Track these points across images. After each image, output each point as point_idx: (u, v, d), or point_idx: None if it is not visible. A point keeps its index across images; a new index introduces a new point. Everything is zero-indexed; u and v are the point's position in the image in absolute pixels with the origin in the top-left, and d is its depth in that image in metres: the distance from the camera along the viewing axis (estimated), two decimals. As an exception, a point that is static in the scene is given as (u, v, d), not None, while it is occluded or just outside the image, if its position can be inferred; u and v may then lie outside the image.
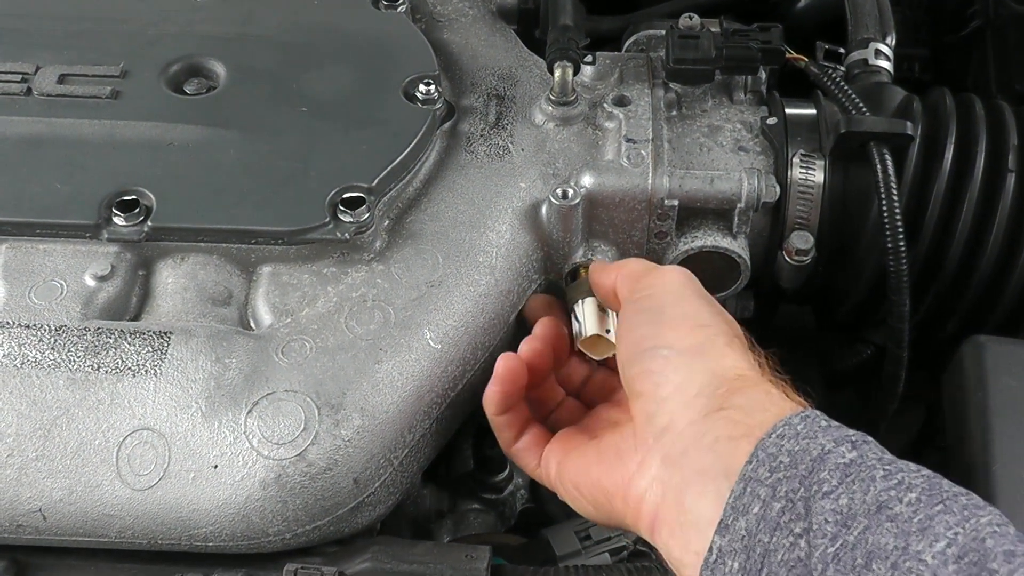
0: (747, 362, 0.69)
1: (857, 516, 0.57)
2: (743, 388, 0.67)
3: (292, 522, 0.76)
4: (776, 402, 0.66)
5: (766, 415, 0.64)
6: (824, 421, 0.63)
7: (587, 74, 0.98)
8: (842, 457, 0.60)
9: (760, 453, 0.61)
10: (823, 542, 0.56)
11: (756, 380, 0.68)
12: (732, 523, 0.60)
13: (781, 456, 0.61)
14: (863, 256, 0.93)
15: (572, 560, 0.94)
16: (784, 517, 0.58)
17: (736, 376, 0.68)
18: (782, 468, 0.60)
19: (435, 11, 1.06)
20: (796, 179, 0.91)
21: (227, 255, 0.85)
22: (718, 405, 0.66)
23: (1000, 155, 0.92)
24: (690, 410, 0.67)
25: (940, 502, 0.57)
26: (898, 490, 0.57)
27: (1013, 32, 1.13)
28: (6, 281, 0.83)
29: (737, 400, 0.66)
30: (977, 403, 0.83)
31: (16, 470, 0.75)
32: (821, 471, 0.59)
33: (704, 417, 0.66)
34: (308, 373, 0.78)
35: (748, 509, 0.59)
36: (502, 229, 0.88)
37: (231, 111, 0.92)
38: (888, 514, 0.56)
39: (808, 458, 0.60)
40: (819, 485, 0.59)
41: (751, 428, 0.63)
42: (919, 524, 0.55)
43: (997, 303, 0.94)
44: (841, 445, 0.61)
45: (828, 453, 0.60)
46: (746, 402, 0.65)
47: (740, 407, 0.65)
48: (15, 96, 0.92)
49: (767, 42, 0.95)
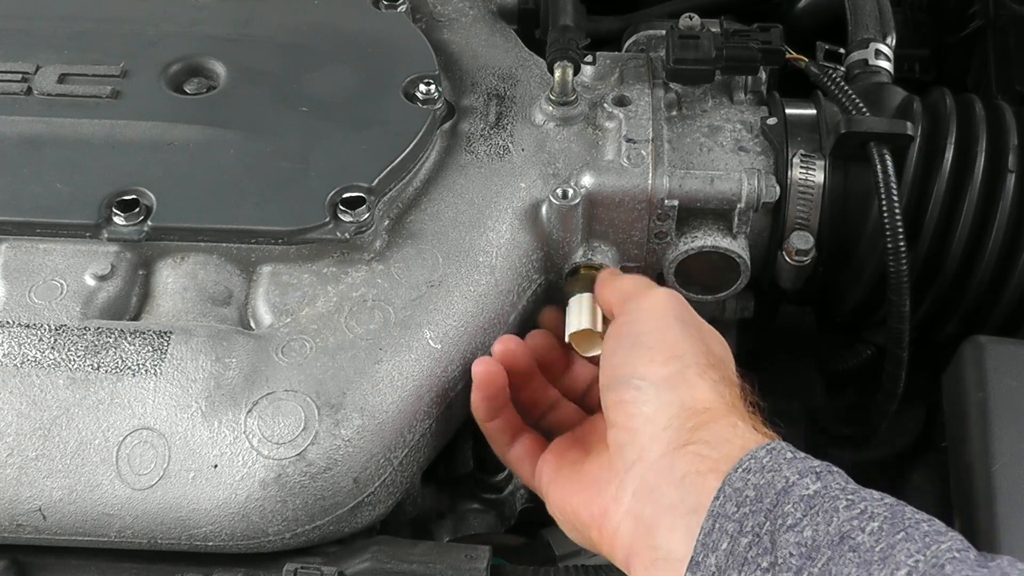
0: (716, 393, 0.70)
1: (821, 547, 0.57)
2: (710, 422, 0.67)
3: (292, 522, 0.76)
4: (741, 435, 0.66)
5: (731, 448, 0.65)
6: (789, 452, 0.64)
7: (587, 74, 0.98)
8: (806, 489, 0.61)
9: (727, 488, 0.62)
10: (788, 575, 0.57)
11: (723, 412, 0.68)
12: (703, 560, 0.60)
13: (747, 490, 0.61)
14: (863, 256, 0.93)
15: (572, 560, 0.94)
16: (751, 552, 0.59)
17: (704, 409, 0.68)
18: (748, 502, 0.61)
19: (435, 11, 1.06)
20: (796, 179, 0.91)
21: (227, 255, 0.85)
22: (685, 439, 0.67)
23: (1000, 155, 0.92)
24: (658, 443, 0.67)
25: (902, 530, 0.57)
26: (861, 520, 0.58)
27: (1014, 32, 1.13)
28: (6, 281, 0.83)
29: (703, 434, 0.66)
30: (977, 403, 0.83)
31: (16, 469, 0.75)
32: (786, 504, 0.60)
33: (672, 451, 0.66)
34: (308, 373, 0.78)
35: (717, 545, 0.60)
36: (502, 229, 0.88)
37: (231, 111, 0.92)
38: (851, 544, 0.57)
39: (773, 491, 0.61)
40: (783, 518, 0.59)
41: (717, 463, 0.64)
42: (881, 553, 0.56)
43: (997, 303, 0.94)
44: (805, 477, 0.61)
45: (792, 485, 0.61)
46: (712, 436, 0.66)
47: (706, 441, 0.66)
48: (15, 96, 0.92)
49: (767, 42, 0.95)
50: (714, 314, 0.99)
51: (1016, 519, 0.76)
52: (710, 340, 0.76)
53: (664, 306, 0.76)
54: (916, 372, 0.95)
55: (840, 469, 0.63)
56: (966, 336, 0.89)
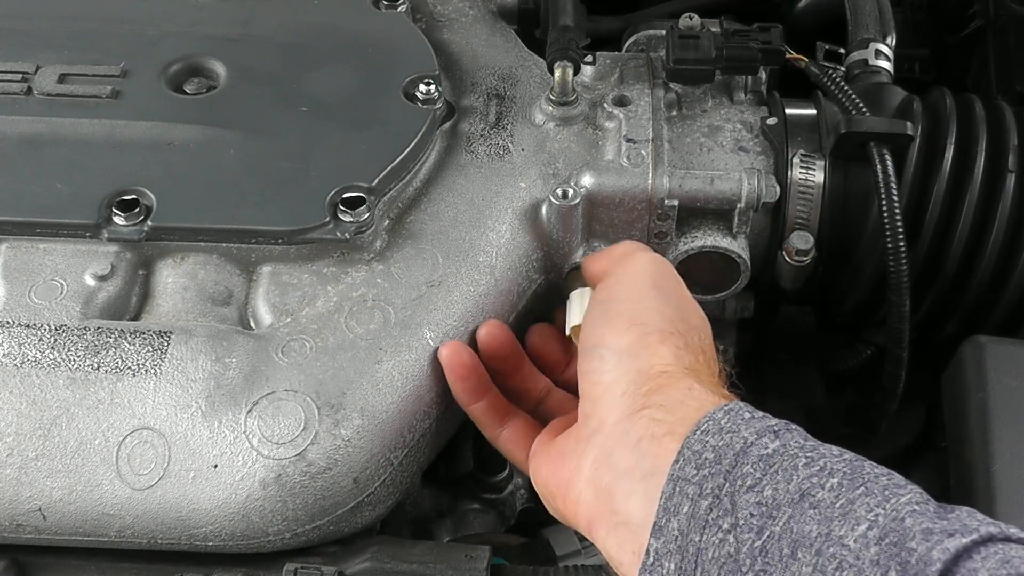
0: (675, 358, 0.70)
1: (781, 506, 0.57)
2: (665, 385, 0.67)
3: (292, 522, 0.76)
4: (697, 397, 0.66)
5: (687, 411, 0.65)
6: (748, 413, 0.64)
7: (587, 74, 0.98)
8: (764, 448, 0.60)
9: (686, 451, 0.62)
10: (750, 536, 0.57)
11: (679, 376, 0.68)
12: (665, 524, 0.60)
13: (706, 452, 0.61)
14: (863, 256, 0.93)
15: (572, 560, 0.94)
16: (712, 514, 0.59)
17: (660, 372, 0.68)
18: (707, 464, 0.61)
19: (435, 11, 1.06)
20: (796, 179, 0.91)
21: (227, 255, 0.85)
22: (641, 404, 0.67)
23: (1000, 155, 0.92)
24: (615, 410, 0.68)
25: (861, 485, 0.57)
26: (820, 476, 0.58)
27: (1014, 33, 1.13)
28: (6, 281, 0.83)
29: (658, 398, 0.66)
30: (977, 403, 0.83)
31: (16, 469, 0.75)
32: (744, 464, 0.60)
33: (628, 416, 0.67)
34: (308, 373, 0.78)
35: (679, 509, 0.60)
36: (502, 229, 0.88)
37: (231, 111, 0.92)
38: (811, 501, 0.57)
39: (731, 452, 0.61)
40: (743, 479, 0.59)
41: (672, 425, 0.64)
42: (841, 509, 0.56)
43: (997, 303, 0.94)
44: (764, 436, 0.61)
45: (751, 445, 0.61)
46: (667, 400, 0.66)
47: (661, 405, 0.66)
48: (15, 96, 0.92)
49: (767, 42, 0.95)
50: (714, 314, 0.99)
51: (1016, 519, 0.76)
52: (684, 307, 0.75)
53: (641, 272, 0.76)
54: (916, 372, 0.95)
55: (799, 427, 0.63)
56: (966, 336, 0.89)
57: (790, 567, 0.56)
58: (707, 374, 0.71)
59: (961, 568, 0.52)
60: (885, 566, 0.53)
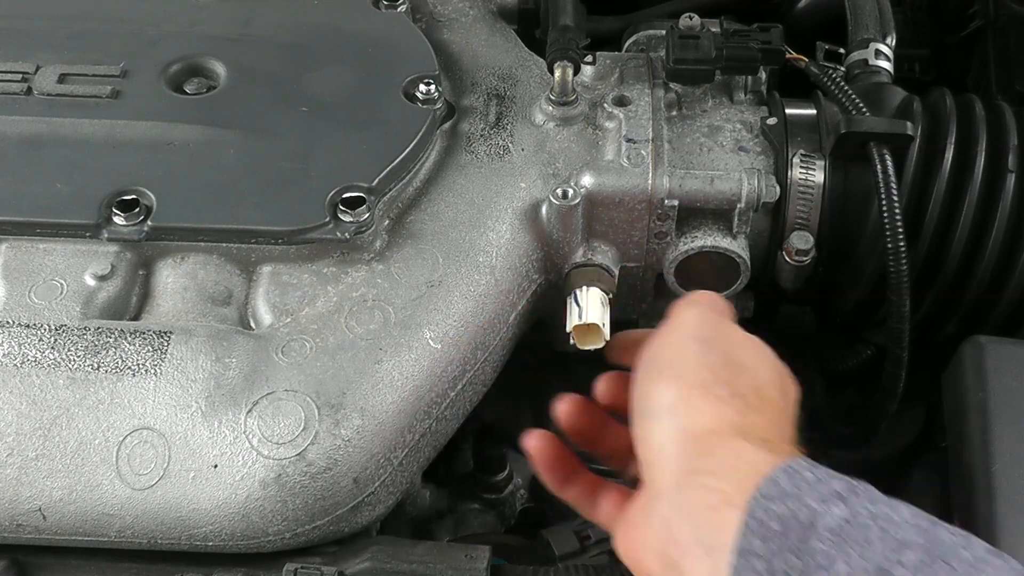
0: (718, 413, 0.66)
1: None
2: (713, 446, 0.64)
3: (292, 522, 0.76)
4: (748, 459, 0.63)
5: (740, 476, 0.62)
6: (809, 472, 0.61)
7: (587, 74, 0.98)
8: (833, 518, 0.58)
9: (750, 521, 0.59)
10: None
11: (726, 434, 0.65)
12: None
13: (771, 523, 0.59)
14: (863, 256, 0.93)
15: (572, 560, 0.94)
16: None
17: (706, 432, 0.65)
18: (774, 538, 0.58)
19: (435, 11, 1.06)
20: (796, 179, 0.91)
21: (227, 255, 0.85)
22: (691, 468, 0.64)
23: (1000, 155, 0.92)
24: (668, 475, 0.65)
25: (941, 559, 0.55)
26: (897, 552, 0.56)
27: (1014, 33, 1.13)
28: (6, 281, 0.83)
29: (708, 463, 0.64)
30: (977, 403, 0.83)
31: (16, 469, 0.75)
32: (813, 539, 0.57)
33: (681, 484, 0.64)
34: (308, 373, 0.78)
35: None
36: (502, 229, 0.88)
37: (231, 111, 0.92)
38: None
39: (798, 524, 0.58)
40: (813, 556, 0.57)
41: (729, 495, 0.61)
42: None
43: (997, 303, 0.94)
44: (830, 503, 0.59)
45: (818, 516, 0.58)
46: (718, 465, 0.63)
47: (712, 472, 0.63)
48: (15, 96, 0.92)
49: (767, 42, 0.95)
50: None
51: (1016, 519, 0.76)
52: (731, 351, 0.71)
53: (684, 324, 0.72)
54: (916, 372, 0.95)
55: (865, 483, 0.60)
56: (966, 336, 0.89)
57: None
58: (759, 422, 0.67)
59: None
60: None
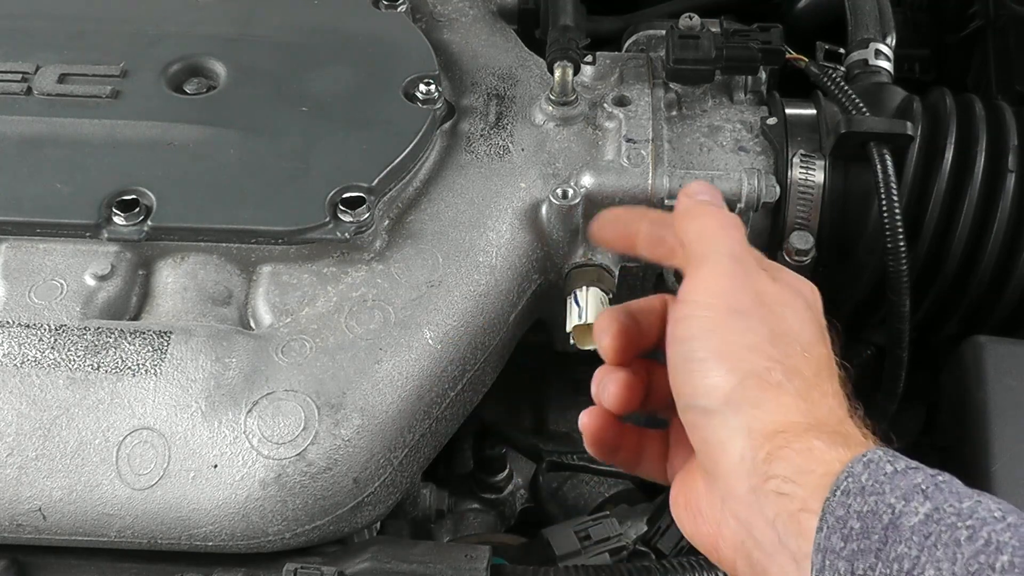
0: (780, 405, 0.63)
1: None
2: (783, 447, 0.61)
3: (292, 522, 0.76)
4: (820, 458, 0.60)
5: (814, 479, 0.59)
6: (889, 464, 0.58)
7: (587, 74, 0.98)
8: (916, 515, 0.55)
9: (828, 518, 0.57)
10: None
11: (797, 433, 0.62)
12: None
13: (851, 520, 0.56)
14: (863, 256, 0.93)
15: (572, 560, 0.94)
16: None
17: (774, 432, 0.62)
18: (855, 537, 0.56)
19: (435, 11, 1.06)
20: (796, 179, 0.91)
21: (227, 255, 0.85)
22: (764, 473, 0.61)
23: (1000, 155, 0.92)
24: (739, 479, 0.62)
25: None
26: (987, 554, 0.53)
27: (1014, 33, 1.13)
28: (6, 281, 0.83)
29: (780, 468, 0.60)
30: (977, 403, 0.83)
31: (16, 469, 0.75)
32: (897, 542, 0.55)
33: (755, 490, 0.61)
34: (308, 373, 0.78)
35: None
36: (502, 229, 0.88)
37: (231, 111, 0.92)
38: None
39: (880, 525, 0.56)
40: (899, 561, 0.54)
41: (805, 501, 0.59)
42: None
43: (997, 303, 0.94)
44: (912, 500, 0.56)
45: (900, 515, 0.55)
46: (789, 469, 0.60)
47: (785, 477, 0.60)
48: (15, 96, 0.92)
49: (767, 42, 0.95)
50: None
51: (1016, 519, 0.76)
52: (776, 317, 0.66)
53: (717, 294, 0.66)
54: (916, 372, 0.95)
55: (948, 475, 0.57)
56: (966, 336, 0.89)
57: None
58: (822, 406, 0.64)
59: None
60: None
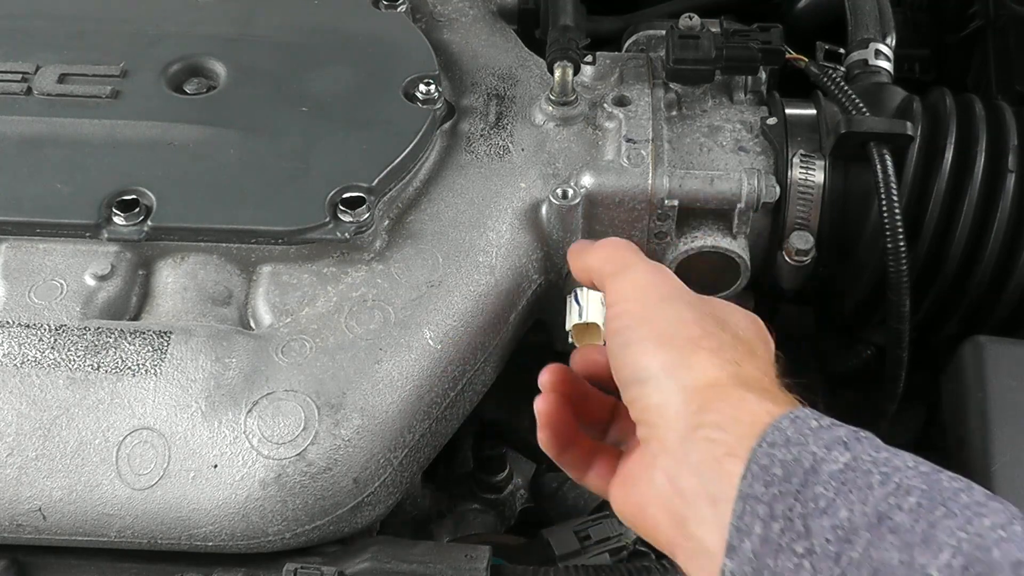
0: (713, 366, 0.67)
1: (859, 530, 0.56)
2: (714, 399, 0.65)
3: (292, 522, 0.76)
4: (750, 408, 0.64)
5: (742, 427, 0.63)
6: (814, 421, 0.62)
7: (587, 74, 0.98)
8: (835, 463, 0.59)
9: (753, 466, 0.60)
10: (827, 564, 0.56)
11: (726, 387, 0.66)
12: (739, 545, 0.59)
13: (774, 468, 0.60)
14: (863, 256, 0.93)
15: (572, 560, 0.94)
16: (785, 538, 0.57)
17: (705, 386, 0.66)
18: (776, 482, 0.59)
19: (435, 11, 1.06)
20: (796, 179, 0.91)
21: (227, 255, 0.85)
22: (695, 423, 0.65)
23: (1000, 155, 0.92)
24: (671, 431, 0.66)
25: (941, 504, 0.56)
26: (897, 496, 0.56)
27: (1014, 33, 1.13)
28: (6, 281, 0.83)
29: (710, 416, 0.64)
30: (977, 403, 0.83)
31: (16, 469, 0.75)
32: (815, 484, 0.58)
33: (684, 438, 0.65)
34: (308, 373, 0.78)
35: (751, 529, 0.59)
36: (502, 229, 0.88)
37: (231, 111, 0.92)
38: (889, 525, 0.55)
39: (801, 470, 0.59)
40: (815, 500, 0.58)
41: (731, 446, 0.62)
42: (922, 534, 0.55)
43: (997, 303, 0.94)
44: (833, 450, 0.59)
45: (820, 462, 0.59)
46: (719, 417, 0.64)
47: (715, 424, 0.64)
48: (15, 96, 0.92)
49: (767, 42, 0.95)
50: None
51: (1016, 519, 0.76)
52: (699, 306, 0.72)
53: (643, 289, 0.73)
54: (916, 372, 0.95)
55: (870, 433, 0.61)
56: (966, 336, 0.89)
57: None
58: (753, 372, 0.68)
59: None
60: None
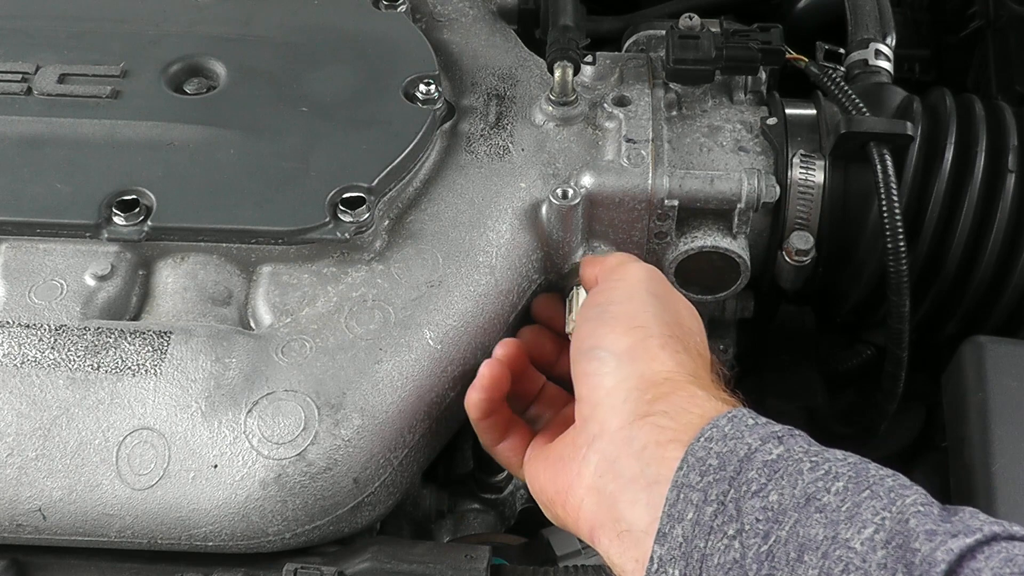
0: (676, 363, 0.70)
1: (787, 511, 0.58)
2: (669, 392, 0.67)
3: (292, 522, 0.76)
4: (700, 404, 0.66)
5: (691, 418, 0.65)
6: (751, 419, 0.64)
7: (587, 74, 0.98)
8: (769, 454, 0.61)
9: (690, 458, 0.62)
10: (755, 541, 0.58)
11: (683, 383, 0.68)
12: (669, 531, 0.61)
13: (710, 459, 0.61)
14: (863, 256, 0.93)
15: (572, 560, 0.94)
16: (717, 520, 0.59)
17: (663, 379, 0.68)
18: (712, 471, 0.61)
19: (435, 11, 1.06)
20: (796, 179, 0.91)
21: (227, 255, 0.85)
22: (645, 411, 0.67)
23: (1000, 155, 0.92)
24: (618, 416, 0.67)
25: (867, 487, 0.58)
26: (825, 480, 0.58)
27: (1014, 33, 1.13)
28: (6, 281, 0.83)
29: (662, 405, 0.67)
30: (977, 403, 0.83)
31: (16, 469, 0.75)
32: (749, 470, 0.60)
33: (631, 423, 0.67)
34: (308, 373, 0.78)
35: (683, 516, 0.60)
36: (502, 229, 0.88)
37: (231, 111, 0.92)
38: (816, 505, 0.57)
39: (735, 458, 0.61)
40: (748, 485, 0.60)
41: (677, 433, 0.64)
42: (847, 512, 0.57)
43: (997, 303, 0.94)
44: (768, 442, 0.62)
45: (755, 452, 0.61)
46: (671, 407, 0.66)
47: (665, 412, 0.66)
48: (15, 96, 0.92)
49: (767, 42, 0.95)
50: (714, 314, 0.99)
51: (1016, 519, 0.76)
52: (680, 313, 0.76)
53: (637, 279, 0.77)
54: (916, 372, 0.95)
55: (803, 432, 0.64)
56: (966, 336, 0.89)
57: (796, 570, 0.56)
58: (708, 379, 0.71)
59: (965, 568, 0.53)
60: (892, 568, 0.53)
